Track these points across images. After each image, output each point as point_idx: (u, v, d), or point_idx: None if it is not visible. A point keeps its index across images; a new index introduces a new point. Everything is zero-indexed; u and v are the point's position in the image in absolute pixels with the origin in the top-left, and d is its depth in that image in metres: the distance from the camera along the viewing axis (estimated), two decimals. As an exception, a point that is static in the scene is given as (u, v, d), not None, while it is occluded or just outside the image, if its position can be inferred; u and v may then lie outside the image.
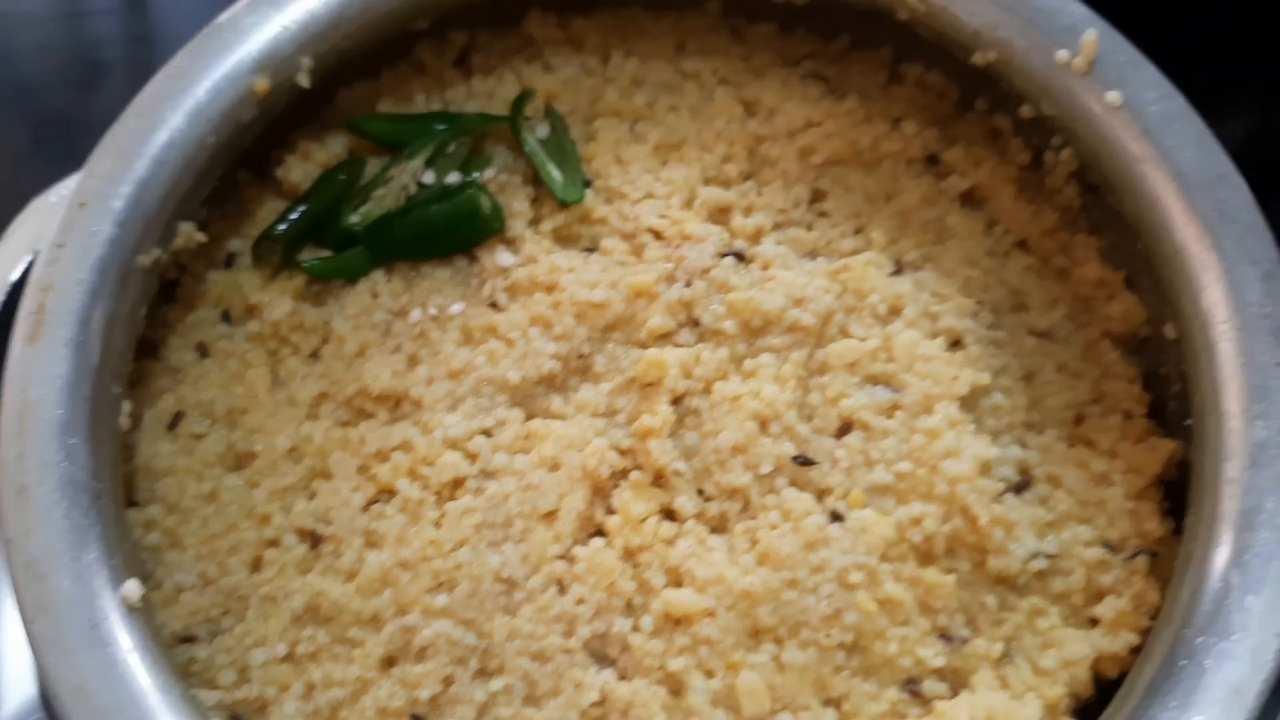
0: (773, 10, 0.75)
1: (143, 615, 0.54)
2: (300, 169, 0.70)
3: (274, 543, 0.61)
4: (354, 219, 0.68)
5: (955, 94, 0.74)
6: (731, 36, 0.77)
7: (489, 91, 0.73)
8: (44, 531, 0.53)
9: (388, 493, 0.62)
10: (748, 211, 0.69)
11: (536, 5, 0.76)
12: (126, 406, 0.60)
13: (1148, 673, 0.52)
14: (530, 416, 0.63)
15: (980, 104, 0.72)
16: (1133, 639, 0.58)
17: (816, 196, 0.71)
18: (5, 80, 1.02)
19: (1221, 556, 0.52)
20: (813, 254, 0.68)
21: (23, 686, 0.68)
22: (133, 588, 0.53)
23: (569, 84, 0.74)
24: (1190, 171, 0.60)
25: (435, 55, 0.75)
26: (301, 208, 0.68)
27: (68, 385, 0.56)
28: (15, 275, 0.75)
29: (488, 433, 0.63)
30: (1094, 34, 0.63)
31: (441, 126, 0.70)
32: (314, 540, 0.61)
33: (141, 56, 1.02)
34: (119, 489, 0.58)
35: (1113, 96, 0.62)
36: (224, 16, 0.64)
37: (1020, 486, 0.62)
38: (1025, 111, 0.68)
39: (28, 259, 0.76)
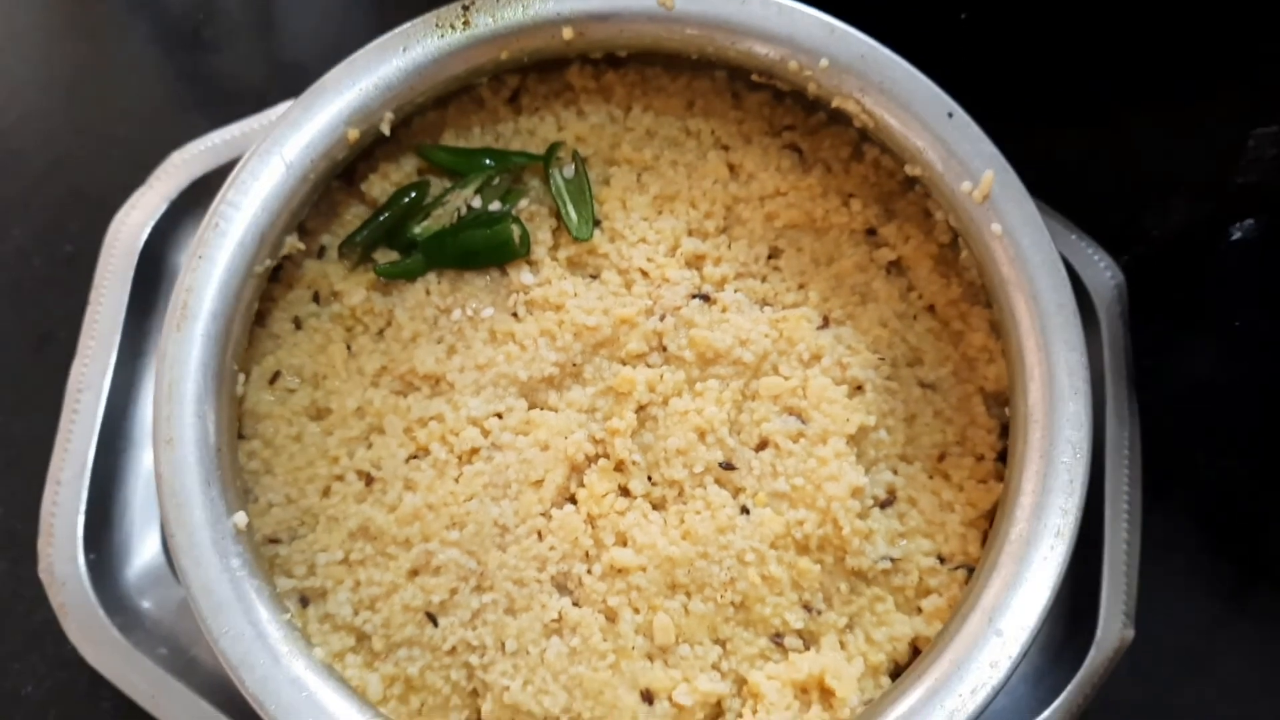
0: (767, 83, 0.91)
1: (246, 534, 0.75)
2: (379, 186, 0.89)
3: (339, 478, 0.82)
4: (417, 231, 0.87)
5: (902, 174, 0.89)
6: (732, 100, 0.93)
7: (532, 129, 0.91)
8: (183, 472, 0.74)
9: (424, 451, 0.82)
10: (717, 262, 0.87)
11: (577, 59, 0.92)
12: (241, 378, 0.81)
13: (917, 670, 0.73)
14: (532, 407, 0.84)
15: (920, 186, 0.89)
16: (942, 628, 0.79)
17: (773, 254, 0.89)
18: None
19: (992, 591, 0.72)
20: (763, 303, 0.87)
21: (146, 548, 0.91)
22: (241, 518, 0.75)
23: (595, 129, 0.91)
24: (1042, 298, 0.77)
25: (492, 93, 0.93)
26: (378, 218, 0.88)
27: (200, 364, 0.76)
28: (155, 221, 0.95)
29: (499, 415, 0.83)
30: (991, 174, 0.79)
31: (489, 162, 0.89)
32: (368, 480, 0.82)
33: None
34: (234, 439, 0.79)
35: (996, 228, 0.79)
36: (326, 77, 0.82)
37: (885, 503, 0.82)
38: (940, 216, 0.84)
39: (164, 207, 0.96)
